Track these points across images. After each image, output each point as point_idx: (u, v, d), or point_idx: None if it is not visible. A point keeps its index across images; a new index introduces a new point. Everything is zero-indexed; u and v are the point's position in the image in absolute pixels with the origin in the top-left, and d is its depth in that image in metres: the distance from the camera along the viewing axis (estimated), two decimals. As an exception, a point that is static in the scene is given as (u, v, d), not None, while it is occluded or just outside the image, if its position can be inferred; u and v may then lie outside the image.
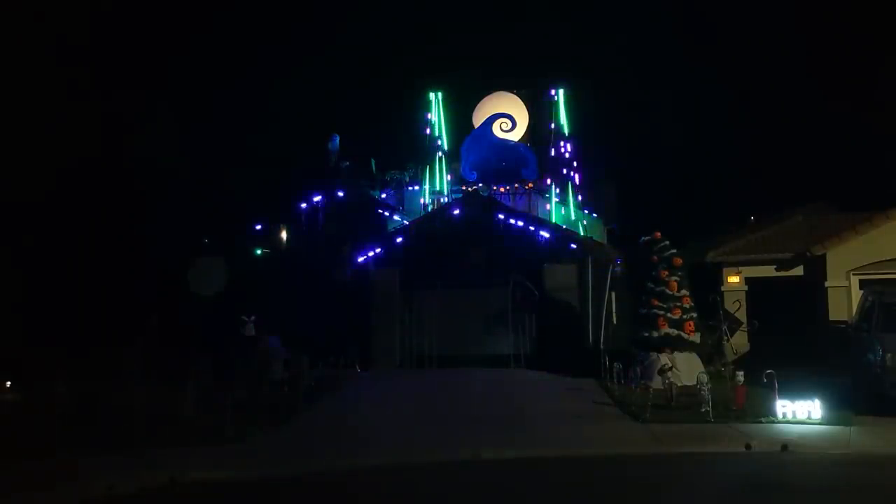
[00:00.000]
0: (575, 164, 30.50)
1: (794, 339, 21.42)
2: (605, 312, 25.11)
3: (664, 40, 38.47)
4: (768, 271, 24.65)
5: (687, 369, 19.88)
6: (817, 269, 23.46)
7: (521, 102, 29.86)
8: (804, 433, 15.00)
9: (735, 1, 40.82)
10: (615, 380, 19.64)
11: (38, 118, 29.14)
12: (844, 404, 16.57)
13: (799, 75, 35.96)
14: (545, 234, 25.31)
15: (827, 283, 23.08)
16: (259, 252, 29.47)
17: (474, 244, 24.93)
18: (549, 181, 29.12)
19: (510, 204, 27.55)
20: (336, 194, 30.07)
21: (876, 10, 35.31)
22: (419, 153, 30.78)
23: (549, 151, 30.24)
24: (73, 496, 12.07)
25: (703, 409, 16.47)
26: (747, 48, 38.20)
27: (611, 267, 25.38)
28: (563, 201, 29.02)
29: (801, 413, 15.89)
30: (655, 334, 20.66)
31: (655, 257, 21.47)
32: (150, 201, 30.54)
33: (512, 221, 25.63)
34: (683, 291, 21.12)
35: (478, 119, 29.70)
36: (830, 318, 22.64)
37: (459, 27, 41.56)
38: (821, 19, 35.96)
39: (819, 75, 35.07)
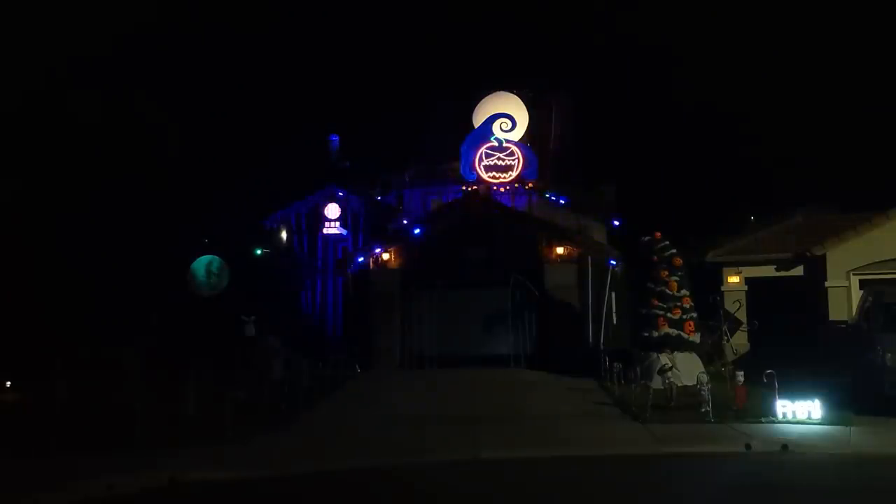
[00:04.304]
0: (575, 163, 30.49)
1: (795, 340, 21.41)
2: (605, 312, 25.13)
3: (664, 39, 38.43)
4: (768, 271, 24.65)
5: (687, 369, 19.88)
6: (817, 269, 23.45)
7: (521, 102, 29.84)
8: (804, 433, 15.00)
9: (733, 1, 40.83)
10: (615, 380, 19.63)
11: (40, 117, 29.15)
12: (844, 404, 16.57)
13: (798, 74, 35.97)
14: (545, 234, 25.30)
15: (827, 283, 23.06)
16: (259, 252, 29.49)
17: (474, 244, 24.93)
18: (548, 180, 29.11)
19: (510, 204, 27.54)
20: (336, 194, 30.09)
21: (876, 8, 35.33)
22: (419, 153, 30.77)
23: (549, 151, 30.22)
24: (73, 496, 12.07)
25: (703, 409, 16.48)
26: (747, 47, 38.24)
27: (610, 267, 25.38)
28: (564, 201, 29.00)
29: (801, 413, 15.90)
30: (655, 334, 20.66)
31: (655, 257, 21.46)
32: (151, 201, 30.54)
33: (512, 221, 25.62)
34: (683, 291, 21.11)
35: (478, 119, 29.67)
36: (830, 318, 22.62)
37: (460, 27, 41.55)
38: (820, 18, 35.96)
39: (818, 75, 35.07)
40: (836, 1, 35.76)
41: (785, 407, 16.00)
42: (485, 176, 28.26)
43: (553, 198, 28.59)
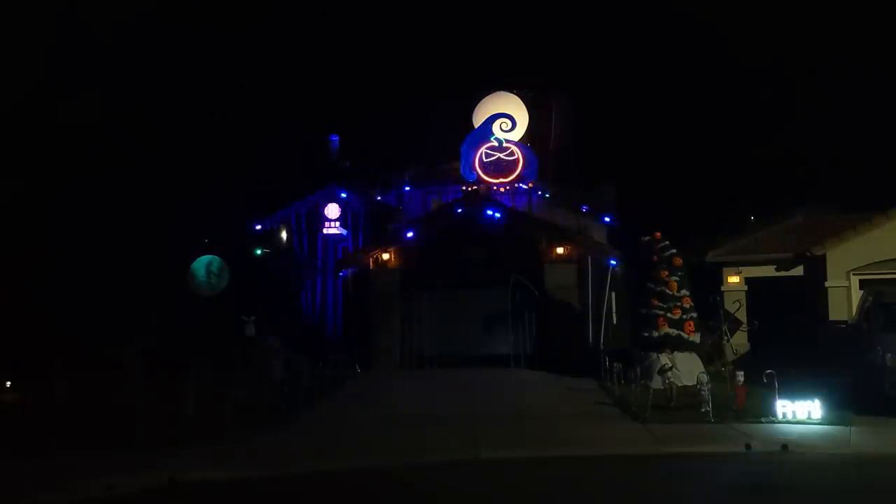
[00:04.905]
0: (575, 163, 30.49)
1: (795, 340, 21.43)
2: (605, 312, 25.14)
3: (664, 38, 38.43)
4: (768, 271, 24.67)
5: (687, 369, 19.89)
6: (817, 269, 23.46)
7: (521, 102, 29.84)
8: (804, 433, 15.01)
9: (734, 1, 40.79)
10: (615, 380, 19.64)
11: (39, 117, 29.15)
12: (844, 404, 16.58)
13: (798, 74, 35.95)
14: (545, 234, 25.32)
15: (827, 283, 23.07)
16: (259, 252, 29.50)
17: (474, 244, 24.95)
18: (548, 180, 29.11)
19: (510, 204, 27.55)
20: (336, 194, 30.09)
21: (873, 9, 35.31)
22: (419, 153, 30.78)
23: (549, 151, 30.22)
24: (73, 496, 12.06)
25: (703, 409, 16.49)
26: (747, 47, 38.20)
27: (610, 267, 25.39)
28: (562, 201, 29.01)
29: (801, 413, 15.91)
30: (655, 334, 20.67)
31: (655, 257, 21.48)
32: (151, 201, 30.55)
33: (512, 221, 25.63)
34: (683, 291, 21.12)
35: (478, 119, 29.67)
36: (830, 318, 22.63)
37: (460, 27, 41.51)
38: (818, 18, 35.94)
39: (818, 74, 35.06)
40: (831, 1, 35.73)
41: (785, 407, 16.01)
42: (485, 176, 28.27)
43: (553, 198, 28.58)
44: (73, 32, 30.14)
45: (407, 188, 29.90)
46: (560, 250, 25.13)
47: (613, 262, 25.44)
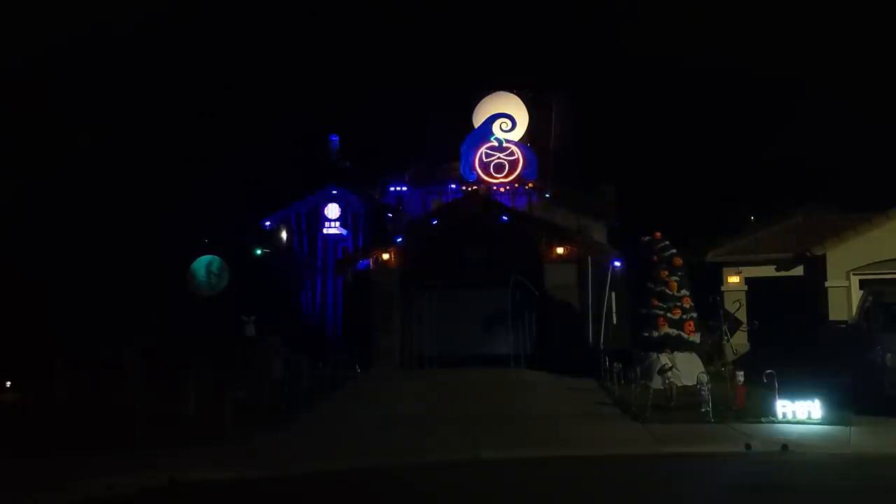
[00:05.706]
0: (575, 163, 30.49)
1: (795, 340, 21.44)
2: (605, 312, 25.15)
3: (664, 38, 38.42)
4: (768, 271, 24.67)
5: (687, 369, 19.89)
6: (817, 269, 23.46)
7: (521, 102, 29.85)
8: (804, 433, 15.01)
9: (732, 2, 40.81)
10: (615, 380, 19.64)
11: (40, 116, 29.16)
12: (844, 404, 16.58)
13: (798, 74, 35.95)
14: (545, 234, 25.32)
15: (827, 283, 23.08)
16: (259, 252, 29.51)
17: (474, 244, 24.96)
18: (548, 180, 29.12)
19: (510, 204, 27.57)
20: (336, 194, 30.09)
21: (872, 9, 35.33)
22: (419, 153, 30.78)
23: (549, 151, 30.22)
24: (73, 496, 12.06)
25: (703, 409, 16.49)
26: (745, 47, 38.20)
27: (611, 267, 25.40)
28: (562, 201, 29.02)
29: (801, 413, 15.91)
30: (655, 334, 20.67)
31: (655, 257, 21.48)
32: (151, 201, 30.55)
33: (511, 221, 25.64)
34: (683, 291, 21.12)
35: (478, 119, 29.68)
36: (830, 318, 22.64)
37: (460, 27, 41.52)
38: (817, 18, 35.96)
39: (818, 74, 35.06)
40: (830, 2, 35.74)
41: (785, 407, 16.01)
42: (485, 176, 28.28)
43: (553, 198, 28.59)
44: (74, 31, 30.16)
45: (407, 188, 29.91)
46: (560, 250, 25.14)
47: (614, 263, 25.45)
